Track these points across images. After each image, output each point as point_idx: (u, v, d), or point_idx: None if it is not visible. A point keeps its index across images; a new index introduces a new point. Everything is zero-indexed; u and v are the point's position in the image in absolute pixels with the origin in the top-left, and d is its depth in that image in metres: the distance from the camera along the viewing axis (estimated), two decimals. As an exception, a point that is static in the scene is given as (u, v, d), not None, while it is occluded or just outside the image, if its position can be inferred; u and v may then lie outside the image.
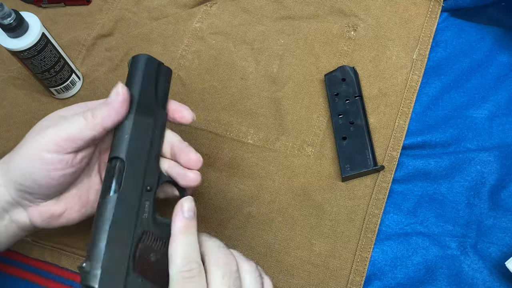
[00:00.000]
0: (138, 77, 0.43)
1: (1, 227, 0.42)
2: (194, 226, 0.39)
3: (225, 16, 0.65)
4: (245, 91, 0.60)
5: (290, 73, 0.61)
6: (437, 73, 0.59)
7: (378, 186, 0.54)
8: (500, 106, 0.57)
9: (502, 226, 0.52)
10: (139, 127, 0.41)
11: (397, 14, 0.62)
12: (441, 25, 0.62)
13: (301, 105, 0.59)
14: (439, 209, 0.53)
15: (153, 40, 0.65)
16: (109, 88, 0.62)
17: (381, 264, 0.52)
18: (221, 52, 0.63)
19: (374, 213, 0.53)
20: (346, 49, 0.61)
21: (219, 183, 0.56)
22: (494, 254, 0.51)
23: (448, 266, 0.51)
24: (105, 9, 0.68)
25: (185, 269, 0.36)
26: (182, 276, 0.36)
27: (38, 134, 0.40)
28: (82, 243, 0.55)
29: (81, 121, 0.40)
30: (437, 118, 0.57)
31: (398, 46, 0.60)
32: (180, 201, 0.39)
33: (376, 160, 0.54)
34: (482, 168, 0.54)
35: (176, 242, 0.37)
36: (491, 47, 0.60)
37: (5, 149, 0.59)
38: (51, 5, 0.68)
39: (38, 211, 0.42)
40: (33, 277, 0.54)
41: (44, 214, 0.43)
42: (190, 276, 0.36)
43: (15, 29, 0.51)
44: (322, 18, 0.63)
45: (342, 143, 0.55)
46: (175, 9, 0.67)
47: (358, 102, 0.57)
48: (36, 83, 0.61)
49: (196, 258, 0.37)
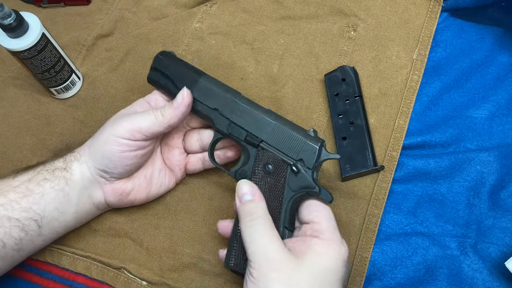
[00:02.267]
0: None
1: (81, 204, 0.50)
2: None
3: (225, 16, 0.65)
4: (245, 91, 0.60)
5: (290, 73, 0.61)
6: (437, 73, 0.59)
7: (378, 186, 0.54)
8: (500, 106, 0.57)
9: (502, 226, 0.52)
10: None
11: (397, 14, 0.62)
12: (441, 25, 0.62)
13: (301, 105, 0.59)
14: (439, 209, 0.53)
15: (153, 40, 0.65)
16: (109, 88, 0.62)
17: (381, 264, 0.52)
18: (221, 52, 0.63)
19: (374, 213, 0.53)
20: (346, 49, 0.61)
21: (224, 181, 0.56)
22: (494, 254, 0.51)
23: (448, 266, 0.51)
24: (105, 9, 0.68)
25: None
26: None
27: (114, 123, 0.49)
28: (82, 243, 0.55)
29: (152, 118, 0.48)
30: (437, 118, 0.57)
31: (398, 46, 0.60)
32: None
33: (376, 160, 0.54)
34: (482, 168, 0.54)
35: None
36: (491, 47, 0.60)
37: (5, 149, 0.59)
38: (51, 5, 0.68)
39: (112, 188, 0.51)
40: (33, 277, 0.54)
41: (117, 191, 0.51)
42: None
43: (15, 29, 0.51)
44: (322, 18, 0.63)
45: (342, 143, 0.55)
46: (175, 9, 0.67)
47: (358, 102, 0.57)
48: (36, 83, 0.61)
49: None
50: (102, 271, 0.54)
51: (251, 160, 0.47)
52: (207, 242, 0.54)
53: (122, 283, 0.54)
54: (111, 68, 0.64)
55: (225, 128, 0.49)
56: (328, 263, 0.40)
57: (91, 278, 0.54)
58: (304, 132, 0.47)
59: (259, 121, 0.47)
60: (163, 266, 0.54)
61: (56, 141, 0.60)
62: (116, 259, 0.54)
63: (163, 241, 0.55)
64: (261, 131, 0.47)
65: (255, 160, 0.47)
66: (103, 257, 0.54)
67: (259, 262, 0.39)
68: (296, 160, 0.46)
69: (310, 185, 0.45)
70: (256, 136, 0.47)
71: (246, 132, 0.48)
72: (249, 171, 0.47)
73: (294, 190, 0.45)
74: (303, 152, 0.45)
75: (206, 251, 0.54)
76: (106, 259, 0.54)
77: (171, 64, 0.52)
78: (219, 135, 0.50)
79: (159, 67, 0.52)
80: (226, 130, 0.49)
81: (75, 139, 0.59)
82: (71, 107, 0.62)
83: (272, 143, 0.47)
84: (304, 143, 0.46)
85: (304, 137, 0.46)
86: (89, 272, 0.54)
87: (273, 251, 0.40)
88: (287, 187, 0.45)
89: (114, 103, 0.61)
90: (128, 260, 0.54)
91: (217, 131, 0.50)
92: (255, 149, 0.47)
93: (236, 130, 0.48)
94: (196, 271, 0.53)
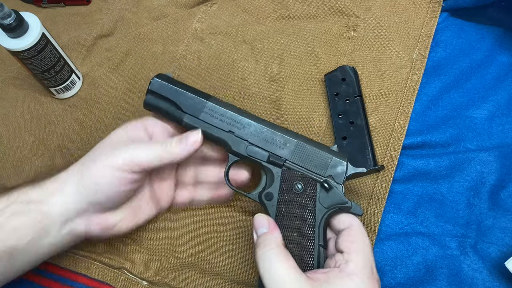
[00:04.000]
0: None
1: (59, 237, 0.46)
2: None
3: (225, 16, 0.65)
4: (245, 91, 0.60)
5: (290, 73, 0.61)
6: (437, 73, 0.59)
7: (378, 186, 0.54)
8: (499, 106, 0.57)
9: (502, 226, 0.52)
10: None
11: (397, 14, 0.62)
12: (441, 25, 0.62)
13: (301, 105, 0.59)
14: (439, 209, 0.53)
15: (153, 40, 0.65)
16: (109, 88, 0.62)
17: (381, 264, 0.52)
18: (221, 52, 0.63)
19: (374, 212, 0.53)
20: (346, 49, 0.61)
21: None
22: (493, 254, 0.51)
23: (448, 266, 0.51)
24: (105, 9, 0.68)
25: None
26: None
27: (112, 154, 0.45)
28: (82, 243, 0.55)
29: (155, 153, 0.45)
30: (437, 118, 0.57)
31: (398, 46, 0.60)
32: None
33: (376, 160, 0.54)
34: (482, 168, 0.54)
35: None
36: (491, 47, 0.60)
37: (5, 149, 0.59)
38: (51, 5, 0.68)
39: (98, 220, 0.47)
40: (33, 277, 0.54)
41: (102, 224, 0.47)
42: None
43: (15, 29, 0.51)
44: (322, 18, 0.63)
45: (342, 143, 0.55)
46: (175, 9, 0.67)
47: (358, 102, 0.57)
48: (36, 83, 0.61)
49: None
50: (103, 271, 0.54)
51: (276, 180, 0.46)
52: (207, 242, 0.54)
53: (122, 283, 0.54)
54: (111, 68, 0.64)
55: (243, 151, 0.47)
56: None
57: (92, 278, 0.54)
58: (328, 148, 0.47)
59: (281, 140, 0.47)
60: (163, 265, 0.54)
61: (56, 141, 0.60)
62: (116, 259, 0.54)
63: (163, 241, 0.55)
64: (284, 150, 0.46)
65: (282, 180, 0.46)
66: (103, 257, 0.54)
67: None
68: (325, 177, 0.45)
69: (342, 200, 0.45)
70: (279, 156, 0.47)
71: (268, 153, 0.47)
72: (275, 192, 0.46)
73: (326, 207, 0.45)
74: (331, 168, 0.45)
75: (206, 251, 0.54)
76: (106, 259, 0.54)
77: (172, 87, 0.49)
78: (236, 158, 0.48)
79: (157, 90, 0.49)
80: (245, 152, 0.47)
81: (74, 139, 0.59)
82: (71, 107, 0.62)
83: (297, 161, 0.46)
84: (330, 159, 0.46)
85: (330, 154, 0.46)
86: (89, 272, 0.54)
87: (290, 283, 0.38)
88: (318, 204, 0.45)
89: (114, 103, 0.61)
90: (128, 260, 0.54)
91: (233, 154, 0.48)
92: (279, 169, 0.46)
93: (256, 152, 0.47)
94: (196, 271, 0.53)
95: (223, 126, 0.47)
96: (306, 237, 0.44)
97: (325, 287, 0.38)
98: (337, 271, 0.40)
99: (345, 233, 0.43)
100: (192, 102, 0.48)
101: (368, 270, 0.40)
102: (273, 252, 0.40)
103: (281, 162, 0.46)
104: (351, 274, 0.39)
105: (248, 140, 0.47)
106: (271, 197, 0.46)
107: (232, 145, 0.47)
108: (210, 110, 0.48)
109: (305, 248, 0.44)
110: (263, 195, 0.46)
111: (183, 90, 0.49)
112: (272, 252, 0.40)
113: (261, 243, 0.41)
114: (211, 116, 0.48)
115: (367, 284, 0.39)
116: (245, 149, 0.47)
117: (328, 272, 0.40)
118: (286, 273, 0.38)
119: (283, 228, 0.44)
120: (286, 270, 0.39)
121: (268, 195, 0.46)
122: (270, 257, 0.40)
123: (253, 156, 0.47)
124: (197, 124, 0.48)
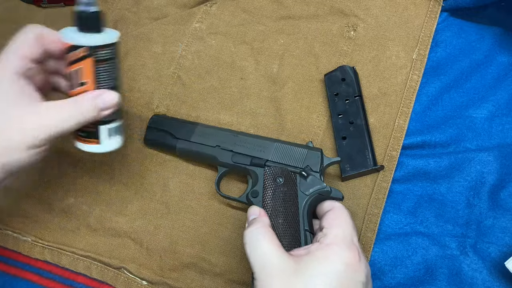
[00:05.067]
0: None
1: None
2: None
3: (225, 16, 0.65)
4: (245, 91, 0.60)
5: (290, 73, 0.61)
6: (437, 73, 0.59)
7: (378, 186, 0.54)
8: (499, 106, 0.57)
9: (502, 226, 0.52)
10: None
11: (397, 14, 0.62)
12: (441, 25, 0.62)
13: (301, 105, 0.59)
14: (438, 209, 0.53)
15: (153, 40, 0.65)
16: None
17: (381, 264, 0.52)
18: (221, 52, 0.63)
19: (374, 212, 0.53)
20: (346, 49, 0.61)
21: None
22: (493, 254, 0.51)
23: (448, 266, 0.51)
24: (105, 9, 0.68)
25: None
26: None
27: (18, 121, 0.40)
28: (82, 243, 0.55)
29: (73, 115, 0.42)
30: (437, 118, 0.57)
31: (398, 46, 0.60)
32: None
33: (376, 160, 0.54)
34: (481, 168, 0.54)
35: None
36: (491, 47, 0.60)
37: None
38: (51, 5, 0.68)
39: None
40: (33, 277, 0.54)
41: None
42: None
43: (98, 20, 0.46)
44: (322, 18, 0.63)
45: (342, 143, 0.55)
46: (175, 9, 0.67)
47: (358, 102, 0.57)
48: (36, 83, 0.61)
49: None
50: (102, 271, 0.54)
51: (260, 179, 0.50)
52: (207, 242, 0.54)
53: (122, 282, 0.54)
54: (111, 68, 0.64)
55: (229, 160, 0.53)
56: (328, 267, 0.39)
57: (91, 277, 0.54)
58: (303, 145, 0.52)
59: (260, 145, 0.52)
60: (163, 265, 0.54)
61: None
62: (116, 258, 0.54)
63: (163, 241, 0.55)
64: (264, 153, 0.52)
65: (264, 177, 0.50)
66: (103, 256, 0.55)
67: (260, 271, 0.40)
68: (303, 168, 0.49)
69: (321, 186, 0.49)
70: (261, 158, 0.51)
71: (251, 157, 0.52)
72: (260, 189, 0.50)
73: (308, 194, 0.48)
74: (308, 159, 0.50)
75: (206, 251, 0.54)
76: (106, 259, 0.54)
77: (166, 120, 0.57)
78: (224, 169, 0.54)
79: (155, 125, 0.57)
80: (231, 161, 0.53)
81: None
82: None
83: (277, 160, 0.51)
84: (306, 152, 0.51)
85: (305, 148, 0.51)
86: (89, 271, 0.54)
87: (273, 258, 0.40)
88: (300, 192, 0.49)
89: (114, 103, 0.61)
90: (128, 260, 0.54)
91: (221, 165, 0.54)
92: (262, 168, 0.51)
93: (241, 158, 0.52)
94: (196, 271, 0.53)
95: (210, 143, 0.54)
96: (292, 222, 0.47)
97: (306, 259, 0.40)
98: (317, 244, 0.42)
99: (327, 214, 0.45)
100: (183, 129, 0.55)
101: (348, 240, 0.42)
102: (259, 230, 0.43)
103: (263, 162, 0.51)
104: (330, 244, 0.41)
105: (232, 150, 0.53)
106: (256, 194, 0.50)
107: (219, 157, 0.53)
108: (199, 132, 0.55)
109: (291, 232, 0.46)
110: (249, 193, 0.50)
111: (173, 121, 0.57)
112: (259, 230, 0.43)
113: (250, 225, 0.44)
114: (200, 136, 0.55)
115: (346, 251, 0.41)
116: (231, 158, 0.53)
117: (309, 247, 0.42)
118: (270, 250, 0.41)
119: (270, 217, 0.47)
120: (270, 247, 0.41)
121: (254, 192, 0.50)
122: (257, 235, 0.42)
123: (238, 162, 0.52)
124: (188, 145, 0.55)
